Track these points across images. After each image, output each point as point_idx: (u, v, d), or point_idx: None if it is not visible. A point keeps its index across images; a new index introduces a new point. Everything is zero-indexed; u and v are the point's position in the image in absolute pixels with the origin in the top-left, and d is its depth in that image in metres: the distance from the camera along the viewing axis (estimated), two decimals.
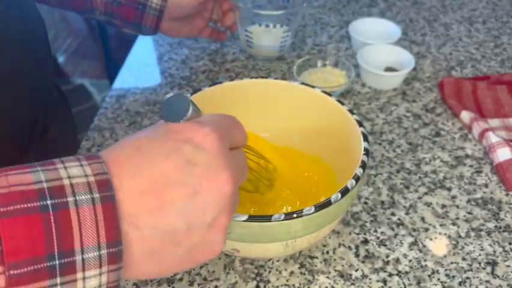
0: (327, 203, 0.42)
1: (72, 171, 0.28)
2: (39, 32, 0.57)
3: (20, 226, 0.25)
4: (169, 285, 0.50)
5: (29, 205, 0.26)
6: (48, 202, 0.26)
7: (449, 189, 0.61)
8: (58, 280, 0.26)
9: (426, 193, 0.61)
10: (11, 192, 0.26)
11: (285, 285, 0.50)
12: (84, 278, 0.27)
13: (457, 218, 0.58)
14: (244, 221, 0.41)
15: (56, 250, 0.26)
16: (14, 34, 0.50)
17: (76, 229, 0.26)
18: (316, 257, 0.53)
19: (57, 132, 0.64)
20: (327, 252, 0.53)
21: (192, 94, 0.55)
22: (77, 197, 0.27)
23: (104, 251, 0.27)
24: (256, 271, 0.52)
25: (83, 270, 0.27)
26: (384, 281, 0.51)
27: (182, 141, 0.31)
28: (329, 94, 0.55)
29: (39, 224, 0.26)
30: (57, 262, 0.26)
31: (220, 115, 0.35)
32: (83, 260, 0.27)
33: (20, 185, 0.26)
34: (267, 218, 0.41)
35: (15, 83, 0.51)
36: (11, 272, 0.25)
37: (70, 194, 0.27)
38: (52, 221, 0.26)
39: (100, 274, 0.28)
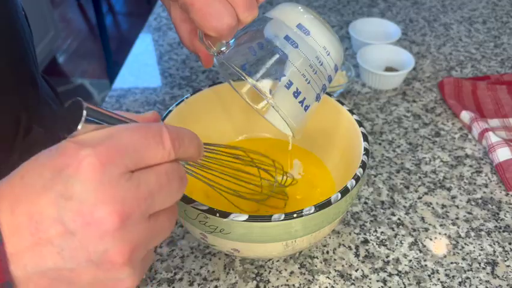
0: (327, 203, 0.42)
1: None
2: (18, 30, 0.54)
3: None
4: (169, 285, 0.50)
5: None
6: None
7: (449, 189, 0.61)
8: None
9: (426, 193, 0.61)
10: None
11: (285, 285, 0.50)
12: None
13: (457, 218, 0.58)
14: (244, 221, 0.41)
15: None
16: None
17: None
18: (317, 257, 0.53)
19: (42, 132, 0.61)
20: (327, 252, 0.53)
21: (191, 94, 0.55)
22: None
23: None
24: (256, 271, 0.52)
25: None
26: (384, 281, 0.51)
27: (57, 170, 0.27)
28: (329, 94, 0.55)
29: None
30: None
31: (132, 127, 0.29)
32: None
33: None
34: (267, 218, 0.41)
35: None
36: None
37: None
38: None
39: None
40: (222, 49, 0.43)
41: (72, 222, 0.26)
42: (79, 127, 0.28)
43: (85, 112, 0.28)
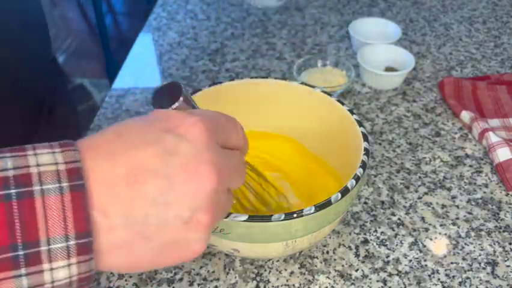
0: (327, 203, 0.42)
1: (42, 159, 0.27)
2: (37, 19, 0.58)
3: None
4: (169, 285, 0.50)
5: None
6: (13, 191, 0.25)
7: (449, 189, 0.61)
8: (23, 271, 0.25)
9: (426, 193, 0.61)
10: None
11: (285, 285, 0.50)
12: (51, 269, 0.26)
13: (457, 218, 0.58)
14: (244, 221, 0.41)
15: (19, 240, 0.25)
16: (14, 21, 0.51)
17: (41, 219, 0.25)
18: (317, 257, 0.53)
19: (62, 113, 0.65)
20: (327, 252, 0.53)
21: (191, 94, 0.54)
22: (44, 186, 0.26)
23: (72, 242, 0.26)
24: (256, 271, 0.52)
25: (50, 261, 0.26)
26: (384, 281, 0.51)
27: (165, 130, 0.29)
28: (329, 94, 0.55)
29: (1, 213, 0.25)
30: (21, 253, 0.25)
31: (219, 112, 0.34)
32: (49, 250, 0.26)
33: None
34: (267, 218, 0.41)
35: (20, 65, 0.52)
36: None
37: (36, 182, 0.26)
38: (15, 210, 0.25)
39: (69, 265, 0.27)
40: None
41: (174, 176, 0.28)
42: (177, 104, 0.32)
43: (184, 91, 0.32)
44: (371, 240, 0.55)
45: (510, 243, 0.55)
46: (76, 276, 0.27)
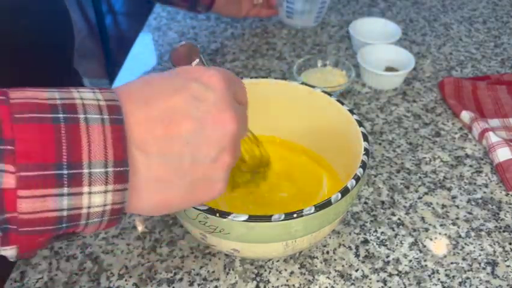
0: (327, 203, 0.42)
1: (85, 95, 0.29)
2: (64, 19, 0.63)
3: (32, 132, 0.26)
4: (169, 285, 0.50)
5: (42, 115, 0.27)
6: (61, 115, 0.27)
7: (449, 189, 0.61)
8: (65, 190, 0.27)
9: (426, 193, 0.61)
10: (26, 103, 0.27)
11: (285, 285, 0.50)
12: (90, 193, 0.28)
13: (457, 218, 0.57)
14: (244, 221, 0.41)
15: (65, 159, 0.27)
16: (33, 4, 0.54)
17: (85, 143, 0.27)
18: (317, 257, 0.53)
19: None
20: (327, 252, 0.53)
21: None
22: (88, 115, 0.28)
23: (110, 169, 0.28)
24: (256, 271, 0.52)
25: (90, 184, 0.28)
26: (385, 281, 0.51)
27: (190, 79, 0.32)
28: (329, 94, 0.55)
29: (50, 132, 0.27)
30: (65, 172, 0.27)
31: (226, 70, 0.36)
32: (90, 174, 0.28)
33: (35, 99, 0.28)
34: (267, 218, 0.41)
35: (40, 45, 0.55)
36: (22, 173, 0.26)
37: (81, 111, 0.28)
38: (63, 131, 0.27)
39: (105, 192, 0.28)
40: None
41: (204, 119, 0.31)
42: (196, 61, 0.35)
43: (199, 51, 0.36)
44: (371, 240, 0.55)
45: (510, 243, 0.55)
46: (109, 205, 0.29)
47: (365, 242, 0.55)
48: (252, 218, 0.41)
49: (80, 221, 0.29)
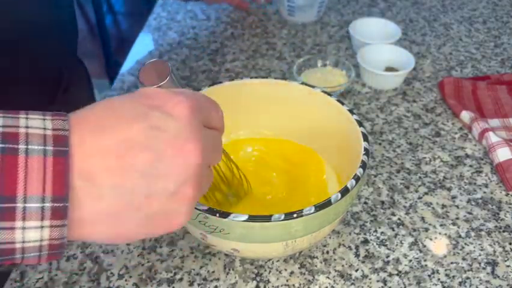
0: (327, 203, 0.42)
1: (32, 123, 0.28)
2: (68, 18, 0.64)
3: None
4: (169, 285, 0.50)
5: None
6: None
7: (449, 189, 0.61)
8: None
9: (426, 193, 0.61)
10: None
11: (285, 285, 0.50)
12: (23, 228, 0.27)
13: (457, 218, 0.57)
14: (244, 221, 0.41)
15: None
16: (45, 18, 0.56)
17: (21, 176, 0.26)
18: (317, 257, 0.53)
19: (77, 93, 0.69)
20: (327, 252, 0.53)
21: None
22: (29, 146, 0.27)
23: (48, 204, 0.27)
24: (256, 271, 0.52)
25: (23, 219, 0.26)
26: (385, 281, 0.51)
27: (152, 106, 0.31)
28: (329, 94, 0.55)
29: None
30: None
31: (201, 93, 0.35)
32: (24, 208, 0.26)
33: None
34: (267, 218, 0.41)
35: (44, 34, 0.55)
36: None
37: (22, 141, 0.27)
38: None
39: (41, 227, 0.27)
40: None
41: (163, 151, 0.30)
42: (163, 82, 0.34)
43: (170, 70, 0.34)
44: (371, 240, 0.55)
45: (510, 243, 0.55)
46: (47, 241, 0.28)
47: (365, 242, 0.55)
48: (252, 218, 0.41)
49: (15, 255, 0.28)
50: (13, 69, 0.53)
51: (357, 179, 0.45)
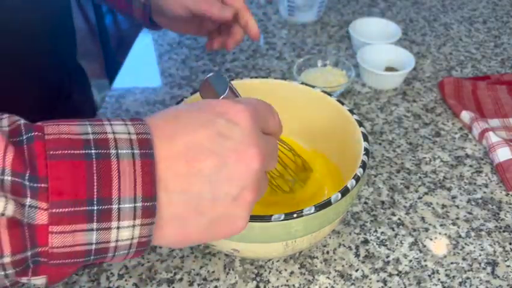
0: (327, 203, 0.42)
1: (116, 128, 0.30)
2: (67, 23, 0.65)
3: (65, 169, 0.27)
4: (169, 285, 0.50)
5: (75, 152, 0.28)
6: (93, 151, 0.28)
7: (449, 189, 0.61)
8: (95, 225, 0.28)
9: (426, 193, 0.61)
10: (60, 139, 0.28)
11: (285, 285, 0.50)
12: (118, 228, 0.28)
13: (457, 218, 0.57)
14: None
15: (95, 196, 0.27)
16: (45, 23, 0.57)
17: (115, 179, 0.28)
18: (317, 257, 0.53)
19: (78, 100, 0.70)
20: (327, 252, 0.53)
21: (192, 94, 0.55)
22: (119, 150, 0.28)
23: (139, 204, 0.28)
24: (256, 271, 0.52)
25: (118, 219, 0.28)
26: (385, 281, 0.51)
27: (217, 114, 0.32)
28: (329, 94, 0.55)
29: (82, 169, 0.27)
30: (95, 208, 0.27)
31: (257, 100, 0.36)
32: (119, 209, 0.28)
33: (68, 134, 0.28)
34: (267, 218, 0.41)
35: (44, 42, 0.57)
36: (54, 210, 0.27)
37: (112, 146, 0.28)
38: (94, 168, 0.28)
39: (133, 226, 0.29)
40: None
41: (227, 157, 0.31)
42: (224, 94, 0.36)
43: (229, 82, 0.37)
44: (371, 240, 0.55)
45: (510, 243, 0.55)
46: (136, 238, 0.29)
47: (365, 242, 0.55)
48: (252, 218, 0.41)
49: (108, 254, 0.30)
50: (15, 78, 0.54)
51: (357, 179, 0.45)
